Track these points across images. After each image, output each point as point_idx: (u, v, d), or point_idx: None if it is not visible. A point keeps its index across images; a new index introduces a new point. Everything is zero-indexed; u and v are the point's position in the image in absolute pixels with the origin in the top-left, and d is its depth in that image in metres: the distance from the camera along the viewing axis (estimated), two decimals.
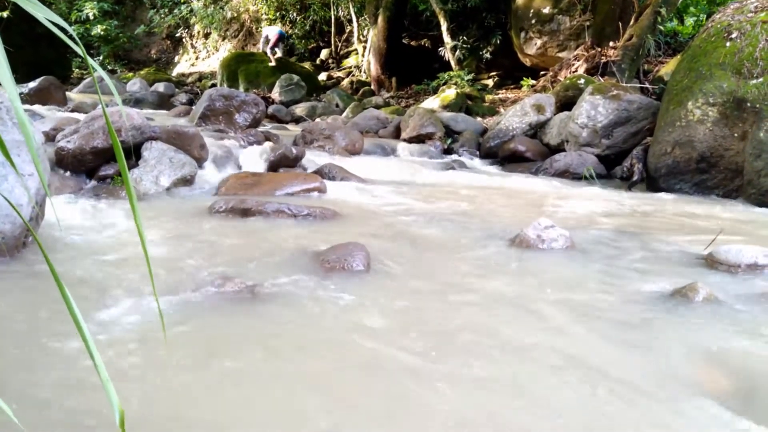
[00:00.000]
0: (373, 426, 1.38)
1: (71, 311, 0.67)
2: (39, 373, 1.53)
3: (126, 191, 0.62)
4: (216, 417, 1.38)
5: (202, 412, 1.40)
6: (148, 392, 1.46)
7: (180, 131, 4.51)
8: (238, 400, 1.46)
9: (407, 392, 1.52)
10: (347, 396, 1.50)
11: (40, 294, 2.09)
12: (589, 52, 8.91)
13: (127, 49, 20.51)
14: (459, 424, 1.39)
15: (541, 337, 1.90)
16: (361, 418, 1.41)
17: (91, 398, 1.40)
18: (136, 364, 1.61)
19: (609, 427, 1.40)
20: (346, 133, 6.71)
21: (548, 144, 7.00)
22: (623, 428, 1.40)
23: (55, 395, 1.43)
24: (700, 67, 5.26)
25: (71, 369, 1.54)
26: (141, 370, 1.57)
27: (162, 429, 1.33)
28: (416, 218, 3.67)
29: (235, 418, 1.38)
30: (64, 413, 1.36)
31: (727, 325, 2.03)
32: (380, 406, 1.46)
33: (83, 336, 0.66)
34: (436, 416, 1.41)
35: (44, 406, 1.38)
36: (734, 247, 2.74)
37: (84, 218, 3.18)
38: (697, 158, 5.14)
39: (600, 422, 1.42)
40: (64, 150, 3.98)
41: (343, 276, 2.39)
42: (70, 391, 1.44)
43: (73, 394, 1.43)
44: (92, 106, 8.54)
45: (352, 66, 15.81)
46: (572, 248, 2.94)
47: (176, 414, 1.39)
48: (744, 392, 1.61)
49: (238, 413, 1.40)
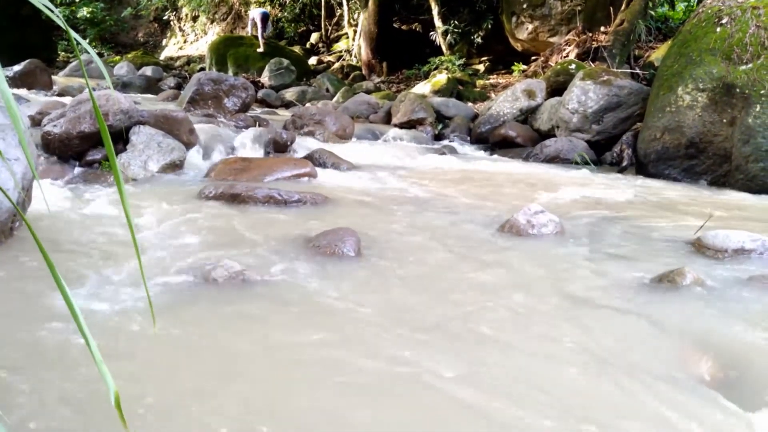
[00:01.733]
0: (360, 408, 1.39)
1: (65, 296, 0.67)
2: (34, 356, 1.52)
3: (113, 176, 0.61)
4: (202, 402, 1.38)
5: (189, 397, 1.40)
6: (134, 374, 1.46)
7: (168, 115, 4.46)
8: (227, 385, 1.46)
9: (395, 379, 1.53)
10: (335, 381, 1.51)
11: (29, 285, 2.07)
12: (580, 37, 8.89)
13: (113, 32, 20.22)
14: (443, 410, 1.40)
15: (530, 323, 1.91)
16: (347, 403, 1.41)
17: (86, 382, 1.40)
18: (123, 348, 1.60)
19: (596, 411, 1.41)
20: (336, 118, 6.67)
21: (539, 129, 7.00)
22: (610, 411, 1.42)
23: (51, 379, 1.42)
24: (691, 53, 5.27)
25: (66, 353, 1.54)
26: (128, 354, 1.57)
27: (148, 408, 1.33)
28: (407, 204, 3.67)
29: (222, 403, 1.38)
30: (61, 394, 1.36)
31: (713, 309, 2.06)
32: (368, 391, 1.47)
33: (76, 318, 0.66)
34: (423, 402, 1.42)
35: (40, 390, 1.37)
36: (721, 232, 2.77)
37: (71, 203, 3.15)
38: (686, 144, 5.16)
39: (588, 405, 1.43)
40: (50, 134, 3.93)
41: (334, 261, 2.38)
42: (66, 373, 1.44)
43: (68, 378, 1.43)
44: (79, 89, 8.42)
45: (342, 50, 15.68)
46: (562, 233, 2.96)
47: (163, 396, 1.38)
48: (730, 375, 1.63)
49: (225, 399, 1.40)
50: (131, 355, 1.58)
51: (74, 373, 1.45)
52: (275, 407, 1.38)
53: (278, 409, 1.37)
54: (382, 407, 1.40)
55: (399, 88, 11.50)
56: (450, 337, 1.77)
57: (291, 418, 1.34)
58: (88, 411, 1.32)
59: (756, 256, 2.63)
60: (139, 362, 1.54)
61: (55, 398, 1.35)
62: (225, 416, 1.32)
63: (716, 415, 1.41)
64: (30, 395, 1.36)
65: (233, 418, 1.32)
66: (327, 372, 1.55)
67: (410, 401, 1.42)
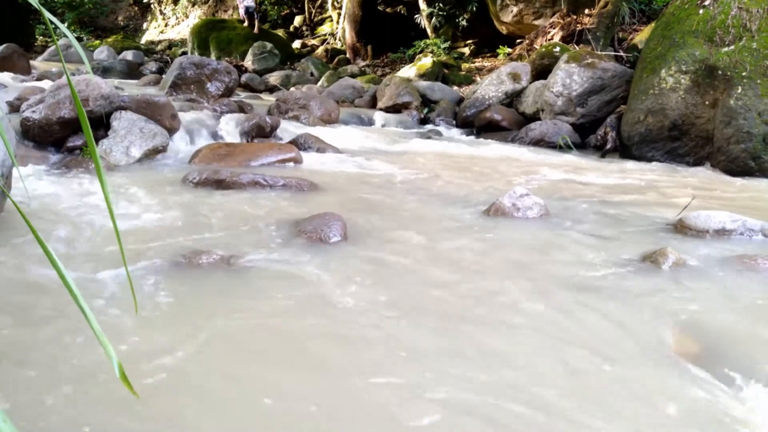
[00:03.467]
0: (342, 395, 1.40)
1: (59, 272, 0.66)
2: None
3: (93, 162, 0.60)
4: (184, 388, 1.38)
5: (171, 382, 1.40)
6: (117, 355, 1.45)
7: (150, 101, 4.40)
8: (209, 369, 1.46)
9: (378, 364, 1.54)
10: (318, 365, 1.51)
11: (14, 271, 2.04)
12: (565, 19, 8.89)
13: (92, 16, 19.82)
14: (418, 391, 1.41)
15: (514, 305, 1.93)
16: (328, 388, 1.42)
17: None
18: (106, 330, 1.59)
19: (582, 391, 1.44)
20: (321, 102, 6.62)
21: (524, 113, 7.01)
22: (594, 390, 1.44)
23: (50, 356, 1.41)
24: (674, 35, 5.29)
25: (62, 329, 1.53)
26: (110, 337, 1.56)
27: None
28: (393, 188, 3.66)
29: (204, 388, 1.38)
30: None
31: (694, 288, 2.09)
32: (350, 375, 1.48)
33: (72, 293, 0.65)
34: (401, 388, 1.43)
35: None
36: (703, 213, 2.80)
37: (52, 190, 3.11)
38: (669, 126, 5.21)
39: (572, 386, 1.45)
40: (29, 120, 3.86)
41: (320, 246, 2.38)
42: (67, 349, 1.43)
43: None
44: (58, 74, 8.27)
45: (326, 33, 15.53)
46: (547, 216, 2.98)
47: (143, 380, 1.38)
48: (710, 353, 1.66)
49: (208, 384, 1.40)
50: (113, 339, 1.57)
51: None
52: (253, 390, 1.38)
53: (256, 393, 1.38)
54: (363, 389, 1.41)
55: (384, 72, 11.43)
56: (434, 320, 1.78)
57: (273, 402, 1.35)
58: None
59: (736, 236, 2.68)
60: (115, 345, 1.53)
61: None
62: (206, 400, 1.33)
63: (696, 390, 1.44)
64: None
65: (215, 401, 1.32)
66: (309, 360, 1.55)
67: (393, 380, 1.43)
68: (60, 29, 0.76)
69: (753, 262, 2.30)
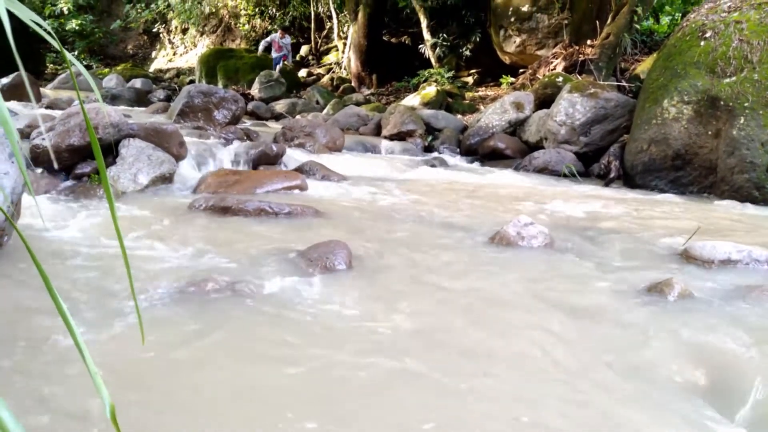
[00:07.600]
0: (348, 421, 1.39)
1: (59, 308, 0.67)
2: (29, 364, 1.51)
3: (104, 189, 0.61)
4: (191, 417, 1.38)
5: (177, 410, 1.39)
6: (122, 388, 1.45)
7: (158, 128, 4.46)
8: (215, 398, 1.45)
9: (383, 391, 1.53)
10: (325, 393, 1.51)
11: (21, 298, 2.05)
12: (567, 50, 9.01)
13: (102, 45, 20.20)
14: (427, 421, 1.40)
15: (518, 336, 1.92)
16: (336, 417, 1.41)
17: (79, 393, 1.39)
18: (112, 363, 1.59)
19: (586, 422, 1.42)
20: (326, 130, 6.69)
21: (527, 141, 7.07)
22: (599, 421, 1.43)
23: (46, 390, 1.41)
24: (676, 66, 5.35)
25: (59, 364, 1.53)
26: (118, 367, 1.56)
27: (137, 421, 1.32)
28: (397, 216, 3.68)
29: (210, 417, 1.38)
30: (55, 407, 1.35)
31: (700, 319, 2.08)
32: (355, 403, 1.47)
33: (71, 330, 0.66)
34: (410, 414, 1.43)
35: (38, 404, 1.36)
36: (708, 244, 2.80)
37: (61, 217, 3.13)
38: (672, 155, 5.23)
39: (576, 416, 1.44)
40: (39, 147, 3.91)
41: (325, 274, 2.39)
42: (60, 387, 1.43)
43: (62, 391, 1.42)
44: (68, 102, 8.40)
45: (332, 63, 15.76)
46: (551, 245, 2.98)
47: (150, 409, 1.38)
48: (717, 386, 1.65)
49: (214, 412, 1.40)
50: (119, 369, 1.57)
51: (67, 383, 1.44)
52: (259, 420, 1.38)
53: (265, 421, 1.37)
54: (372, 412, 1.40)
55: (389, 101, 11.56)
56: (438, 351, 1.78)
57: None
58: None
59: (742, 267, 2.67)
60: (125, 376, 1.53)
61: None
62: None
63: (700, 422, 1.43)
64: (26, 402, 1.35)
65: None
66: (317, 389, 1.55)
67: (398, 409, 1.42)
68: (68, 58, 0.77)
69: (759, 293, 2.29)
